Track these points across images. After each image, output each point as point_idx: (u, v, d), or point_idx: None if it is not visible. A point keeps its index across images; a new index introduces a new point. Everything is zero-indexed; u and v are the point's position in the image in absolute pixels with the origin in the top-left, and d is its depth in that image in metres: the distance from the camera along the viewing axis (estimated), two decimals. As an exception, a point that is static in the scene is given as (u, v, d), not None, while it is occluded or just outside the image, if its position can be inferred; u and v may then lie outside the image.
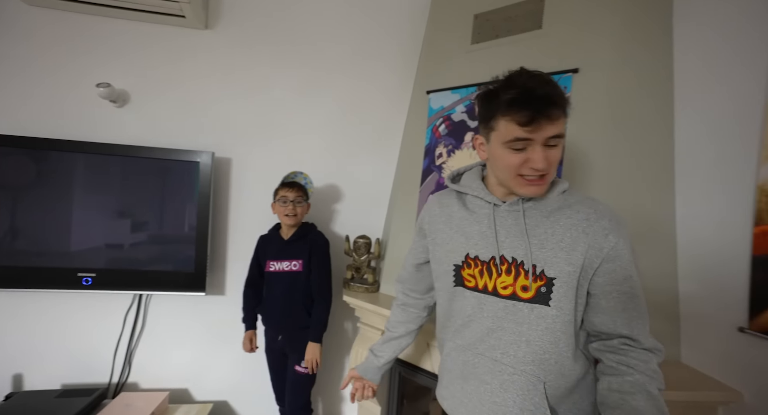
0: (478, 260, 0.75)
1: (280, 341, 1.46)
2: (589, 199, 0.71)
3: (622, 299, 0.67)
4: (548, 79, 0.66)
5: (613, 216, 0.68)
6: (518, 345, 0.70)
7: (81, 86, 1.57)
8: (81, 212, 1.51)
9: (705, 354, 1.05)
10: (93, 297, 1.60)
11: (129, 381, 1.64)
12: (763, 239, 0.93)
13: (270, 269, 1.47)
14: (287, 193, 1.43)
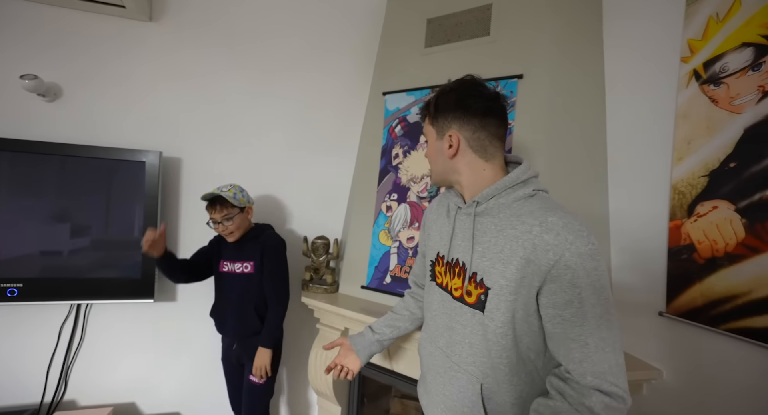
0: (443, 260, 0.79)
1: (235, 349, 1.40)
2: (544, 210, 0.64)
3: (565, 325, 0.61)
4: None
5: (564, 231, 0.60)
6: (462, 346, 0.73)
7: (4, 79, 1.42)
8: (8, 217, 1.37)
9: (632, 337, 1.15)
10: (21, 310, 1.45)
11: (65, 399, 1.51)
12: (676, 232, 1.04)
13: (223, 270, 1.41)
14: (213, 215, 1.31)
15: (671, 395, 1.04)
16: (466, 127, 0.71)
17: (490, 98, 0.72)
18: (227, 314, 1.39)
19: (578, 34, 1.28)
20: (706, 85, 0.99)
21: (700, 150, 0.99)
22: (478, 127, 0.71)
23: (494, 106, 0.71)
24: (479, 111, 0.70)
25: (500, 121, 0.72)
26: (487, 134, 0.71)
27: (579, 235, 0.60)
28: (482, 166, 0.73)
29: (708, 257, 0.95)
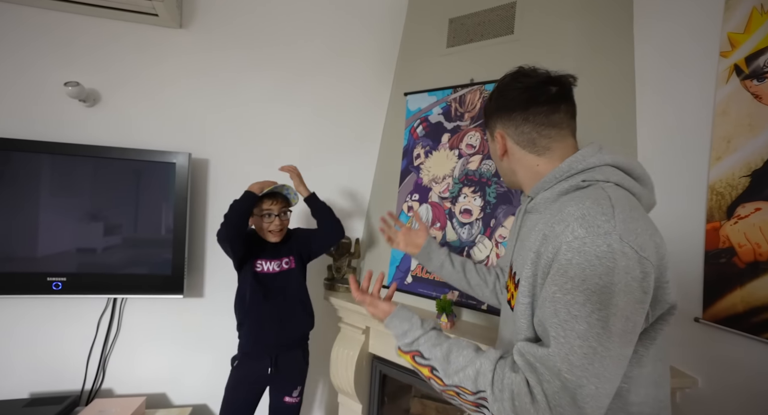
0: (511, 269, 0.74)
1: (271, 371, 1.28)
2: (578, 200, 0.55)
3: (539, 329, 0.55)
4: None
5: (575, 223, 0.51)
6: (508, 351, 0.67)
7: (48, 85, 1.51)
8: (49, 216, 1.46)
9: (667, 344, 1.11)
10: (64, 302, 1.54)
11: (103, 387, 1.59)
12: (714, 234, 0.99)
13: (257, 269, 1.27)
14: (272, 206, 1.26)
15: (706, 404, 0.99)
16: (508, 124, 0.66)
17: (532, 87, 0.64)
18: (272, 321, 1.27)
19: (606, 31, 1.24)
20: (749, 80, 0.94)
21: (741, 149, 0.95)
22: (520, 121, 0.64)
23: (538, 94, 0.63)
24: (520, 103, 0.64)
25: (550, 107, 0.63)
26: (534, 126, 0.63)
27: (594, 231, 0.49)
28: (534, 161, 0.65)
29: (750, 261, 0.91)
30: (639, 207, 0.56)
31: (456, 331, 1.18)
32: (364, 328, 1.48)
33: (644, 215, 0.55)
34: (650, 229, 0.53)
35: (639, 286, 0.49)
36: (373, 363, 1.54)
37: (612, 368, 0.49)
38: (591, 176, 0.58)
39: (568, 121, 0.64)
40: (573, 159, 0.61)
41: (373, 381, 1.55)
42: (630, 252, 0.49)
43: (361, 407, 1.55)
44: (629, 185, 0.58)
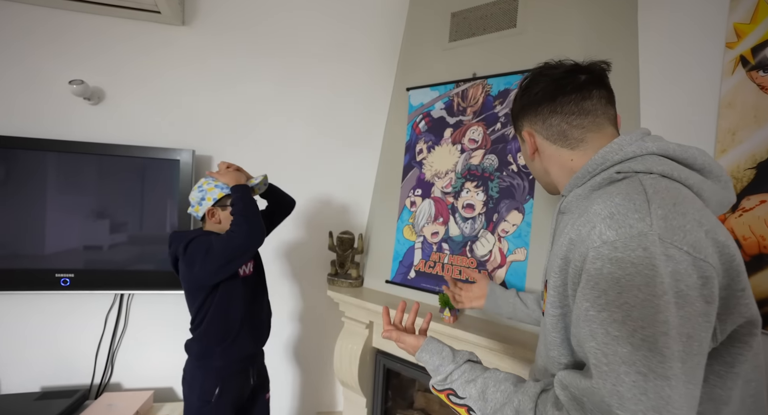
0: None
1: (251, 377, 1.18)
2: (606, 196, 0.48)
3: (579, 352, 0.49)
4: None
5: (602, 224, 0.45)
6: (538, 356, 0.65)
7: (52, 83, 1.53)
8: (55, 214, 1.48)
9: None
10: (72, 298, 1.57)
11: (112, 382, 1.62)
12: (719, 227, 0.99)
13: (241, 274, 1.12)
14: None
15: (711, 397, 1.00)
16: (536, 120, 0.60)
17: (558, 78, 0.59)
18: (261, 324, 1.20)
19: (611, 23, 1.23)
20: (755, 71, 0.93)
21: (746, 141, 0.94)
22: (548, 113, 0.59)
23: (564, 84, 0.58)
24: (546, 95, 0.59)
25: (581, 94, 0.57)
26: (563, 116, 0.57)
27: (626, 233, 0.42)
28: (568, 156, 0.59)
29: (754, 254, 0.90)
30: (692, 200, 0.46)
31: (459, 325, 1.19)
32: (368, 322, 1.49)
33: (699, 210, 0.45)
34: (708, 225, 0.43)
35: (699, 295, 0.40)
36: (377, 357, 1.55)
37: (678, 399, 0.38)
38: (628, 167, 0.50)
39: (603, 107, 0.57)
40: (608, 149, 0.53)
41: (377, 375, 1.56)
42: (678, 254, 0.40)
43: (365, 400, 1.57)
44: (682, 176, 0.48)
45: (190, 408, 1.10)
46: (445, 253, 1.35)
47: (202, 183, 1.10)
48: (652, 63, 1.19)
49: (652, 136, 0.53)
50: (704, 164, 0.50)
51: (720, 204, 0.52)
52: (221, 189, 1.07)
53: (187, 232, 1.08)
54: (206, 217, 1.09)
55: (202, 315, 1.08)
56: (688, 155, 0.50)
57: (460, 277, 1.30)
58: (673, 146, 0.51)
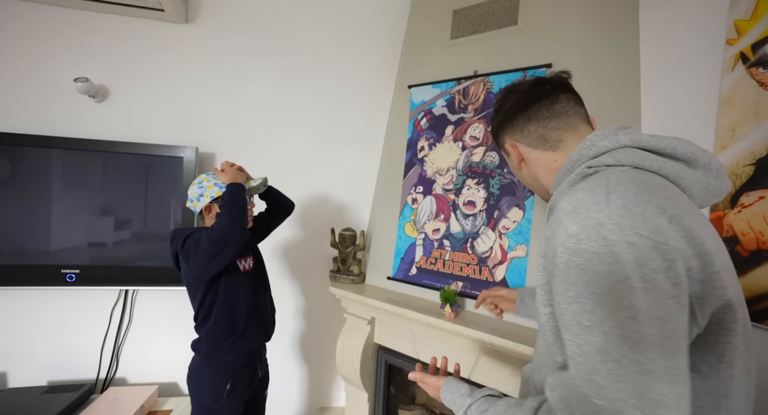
0: None
1: (258, 371, 1.20)
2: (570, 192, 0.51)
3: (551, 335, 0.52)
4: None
5: (568, 219, 0.46)
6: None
7: (58, 81, 1.54)
8: (60, 211, 1.49)
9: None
10: (78, 294, 1.59)
11: (117, 376, 1.65)
12: (718, 223, 1.00)
13: (242, 268, 1.15)
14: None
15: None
16: (514, 132, 0.64)
17: (525, 90, 0.64)
18: (266, 317, 1.22)
19: (611, 19, 1.23)
20: (755, 68, 0.94)
21: (746, 137, 0.94)
22: (523, 123, 0.63)
23: (532, 94, 0.62)
24: (519, 108, 0.63)
25: (549, 99, 0.61)
26: (538, 123, 0.61)
27: (587, 224, 0.43)
28: (551, 157, 0.61)
29: (753, 250, 0.91)
30: (661, 189, 0.47)
31: (459, 321, 1.20)
32: (370, 318, 1.51)
33: (667, 197, 0.45)
34: (674, 211, 0.44)
35: (665, 278, 0.40)
36: (379, 353, 1.56)
37: (660, 385, 0.38)
38: (599, 161, 0.52)
39: (573, 108, 0.61)
40: (582, 145, 0.55)
41: (378, 371, 1.58)
42: (638, 240, 0.41)
43: (367, 396, 1.58)
44: (655, 166, 0.49)
45: (200, 406, 1.11)
46: (446, 249, 1.36)
47: (202, 179, 1.12)
48: (653, 59, 1.20)
49: (626, 130, 0.54)
50: (687, 154, 0.51)
51: (710, 192, 0.53)
52: (220, 187, 1.09)
53: (187, 229, 1.10)
54: (203, 213, 1.12)
55: (205, 311, 1.10)
56: (666, 145, 0.51)
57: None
58: (647, 138, 0.52)
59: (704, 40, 1.07)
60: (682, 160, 0.51)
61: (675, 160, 0.51)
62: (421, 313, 1.26)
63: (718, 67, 1.02)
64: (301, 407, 1.85)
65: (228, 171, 1.12)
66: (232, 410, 1.12)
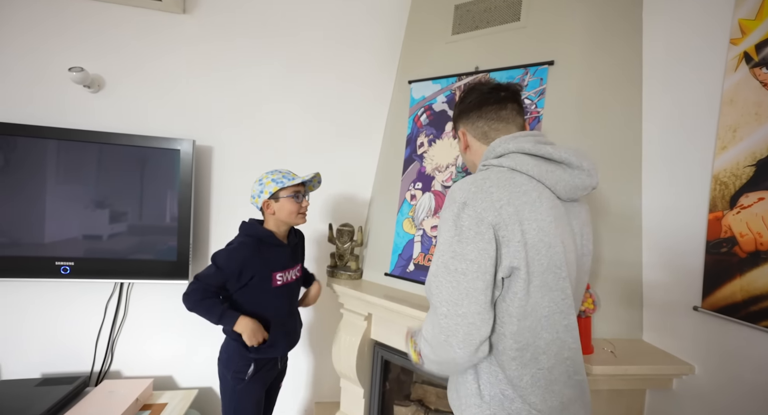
0: None
1: (278, 364, 1.24)
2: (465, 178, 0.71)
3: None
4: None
5: (446, 198, 0.70)
6: None
7: (53, 71, 1.51)
8: (55, 202, 1.47)
9: (664, 333, 1.12)
10: (72, 286, 1.58)
11: (112, 369, 1.64)
12: (716, 224, 1.00)
13: (278, 283, 1.16)
14: (299, 187, 1.16)
15: (702, 391, 1.01)
16: (467, 122, 0.80)
17: (485, 92, 0.78)
18: (292, 331, 1.23)
19: (614, 17, 1.22)
20: (758, 68, 0.93)
21: (747, 138, 0.94)
22: (476, 118, 0.79)
23: (489, 96, 0.78)
24: (475, 105, 0.78)
25: (499, 105, 0.77)
26: (486, 121, 0.78)
27: (451, 200, 0.68)
28: (484, 150, 0.78)
29: (751, 251, 0.91)
30: (515, 186, 0.65)
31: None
32: (366, 314, 1.51)
33: (514, 193, 0.64)
34: (508, 202, 0.64)
35: (475, 233, 0.63)
36: (375, 349, 1.56)
37: (450, 291, 0.63)
38: (491, 162, 0.71)
39: (514, 117, 0.78)
40: (489, 148, 0.74)
41: (374, 366, 1.58)
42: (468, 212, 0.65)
43: (363, 391, 1.59)
44: (524, 169, 0.67)
45: (225, 386, 1.17)
46: (445, 246, 1.36)
47: (262, 177, 1.17)
48: (656, 58, 1.19)
49: (520, 138, 0.71)
50: (563, 158, 0.69)
51: (576, 187, 0.70)
52: (276, 183, 1.13)
53: (239, 232, 1.18)
54: (264, 209, 1.17)
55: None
56: (544, 152, 0.69)
57: None
58: (529, 146, 0.69)
59: (708, 39, 1.06)
60: (561, 162, 0.69)
61: (555, 162, 0.69)
62: (418, 309, 1.26)
63: (721, 66, 1.01)
64: (297, 402, 1.85)
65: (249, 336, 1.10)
66: (254, 393, 1.17)
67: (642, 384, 1.09)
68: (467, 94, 0.82)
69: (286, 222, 1.18)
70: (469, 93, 0.82)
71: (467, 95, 0.82)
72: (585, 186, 0.70)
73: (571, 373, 0.68)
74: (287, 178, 1.15)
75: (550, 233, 0.64)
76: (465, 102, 0.81)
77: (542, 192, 0.66)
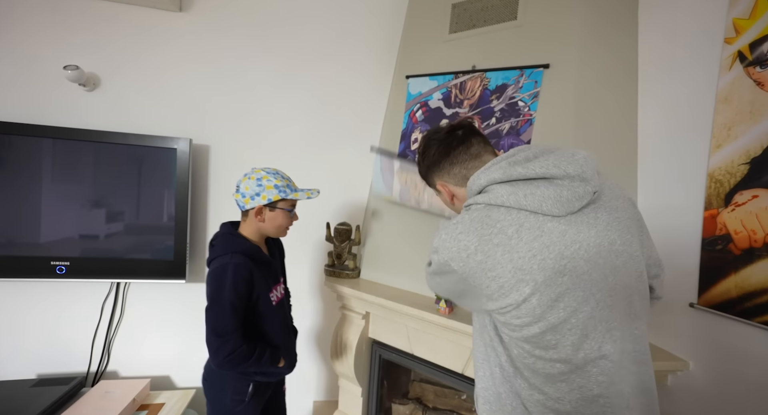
0: None
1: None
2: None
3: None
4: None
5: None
6: None
7: (47, 68, 1.50)
8: (51, 202, 1.46)
9: (660, 330, 1.13)
10: (68, 286, 1.57)
11: (108, 370, 1.63)
12: (711, 222, 1.00)
13: (276, 300, 1.09)
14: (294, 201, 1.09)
15: (697, 386, 1.02)
16: (441, 173, 0.75)
17: (442, 138, 0.74)
18: (295, 343, 1.18)
19: (611, 17, 1.23)
20: (752, 67, 0.94)
21: (741, 136, 0.95)
22: (448, 167, 0.74)
23: (449, 141, 0.73)
24: (441, 152, 0.74)
25: (465, 144, 0.73)
26: (461, 166, 0.73)
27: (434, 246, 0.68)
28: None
29: (745, 248, 0.92)
30: (488, 225, 0.61)
31: (454, 316, 1.21)
32: (364, 313, 1.51)
33: (484, 235, 0.61)
34: (480, 245, 0.61)
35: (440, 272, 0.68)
36: (373, 348, 1.57)
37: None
38: (470, 202, 0.67)
39: (483, 148, 0.73)
40: (467, 187, 0.70)
41: (372, 365, 1.58)
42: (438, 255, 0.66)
43: (361, 390, 1.59)
44: (499, 201, 0.62)
45: (220, 410, 1.07)
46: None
47: (261, 176, 1.02)
48: (652, 57, 1.20)
49: (490, 169, 0.65)
50: (539, 173, 0.61)
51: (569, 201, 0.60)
52: (279, 191, 1.01)
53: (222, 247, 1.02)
54: (250, 212, 1.03)
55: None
56: (516, 175, 0.62)
57: None
58: (499, 175, 0.63)
59: (703, 39, 1.07)
60: (540, 178, 0.61)
61: (535, 180, 0.61)
62: (416, 308, 1.26)
63: (716, 65, 1.02)
64: (295, 401, 1.85)
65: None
66: (254, 411, 1.08)
67: (638, 381, 1.10)
68: (426, 149, 0.77)
69: (269, 234, 1.07)
70: (427, 147, 0.77)
71: (427, 149, 0.77)
72: (579, 195, 0.60)
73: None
74: (290, 189, 1.04)
75: (532, 269, 0.58)
76: (428, 156, 0.76)
77: (524, 223, 0.60)
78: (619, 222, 0.63)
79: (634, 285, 0.63)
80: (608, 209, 0.63)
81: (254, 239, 1.06)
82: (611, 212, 0.63)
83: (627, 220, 0.64)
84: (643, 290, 0.65)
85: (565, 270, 0.58)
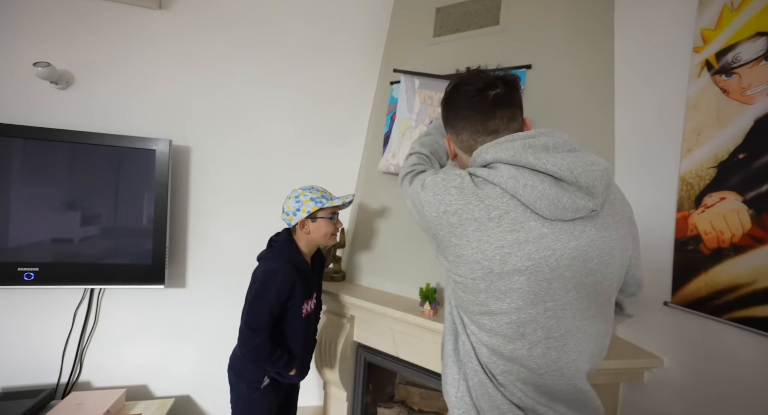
0: None
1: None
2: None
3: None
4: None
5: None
6: None
7: (17, 65, 1.44)
8: (20, 204, 1.39)
9: (636, 328, 1.17)
10: (38, 293, 1.49)
11: (81, 380, 1.56)
12: (683, 223, 1.05)
13: (305, 313, 1.16)
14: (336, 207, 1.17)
15: (672, 381, 1.06)
16: (452, 132, 0.71)
17: (470, 95, 0.66)
18: (308, 359, 1.24)
19: (589, 23, 1.27)
20: (718, 75, 0.99)
21: (709, 141, 0.99)
22: (460, 129, 0.68)
23: (474, 103, 0.65)
24: (459, 114, 0.68)
25: (485, 116, 0.65)
26: (470, 134, 0.67)
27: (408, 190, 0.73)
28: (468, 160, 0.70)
29: (714, 248, 0.96)
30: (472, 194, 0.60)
31: (439, 318, 1.21)
32: (349, 316, 1.49)
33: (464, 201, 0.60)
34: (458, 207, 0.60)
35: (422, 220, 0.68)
36: (358, 351, 1.55)
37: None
38: (473, 171, 0.63)
39: (505, 125, 0.65)
40: (472, 158, 0.66)
41: (357, 369, 1.57)
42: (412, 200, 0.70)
43: (346, 394, 1.57)
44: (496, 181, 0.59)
45: (238, 395, 1.16)
46: (427, 247, 1.36)
47: (299, 194, 1.15)
48: (627, 63, 1.24)
49: (501, 146, 0.61)
50: (549, 170, 0.56)
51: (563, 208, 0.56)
52: (315, 202, 1.12)
53: (276, 253, 1.14)
54: (297, 227, 1.15)
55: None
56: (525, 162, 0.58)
57: None
58: (506, 156, 0.59)
59: (674, 47, 1.12)
60: (549, 174, 0.57)
61: (543, 173, 0.57)
62: (401, 310, 1.26)
63: (686, 73, 1.07)
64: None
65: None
66: (268, 403, 1.16)
67: (616, 378, 1.13)
68: (451, 95, 0.70)
69: (318, 243, 1.18)
70: (453, 93, 0.69)
71: (452, 97, 0.70)
72: (577, 207, 0.56)
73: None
74: (326, 199, 1.14)
75: (493, 257, 0.57)
76: (450, 106, 0.70)
77: (510, 211, 0.57)
78: (603, 242, 0.59)
79: (598, 306, 0.62)
80: (599, 227, 0.59)
81: (305, 250, 1.17)
82: (601, 230, 0.59)
83: (613, 241, 0.60)
84: (607, 312, 0.65)
85: (525, 271, 0.57)
